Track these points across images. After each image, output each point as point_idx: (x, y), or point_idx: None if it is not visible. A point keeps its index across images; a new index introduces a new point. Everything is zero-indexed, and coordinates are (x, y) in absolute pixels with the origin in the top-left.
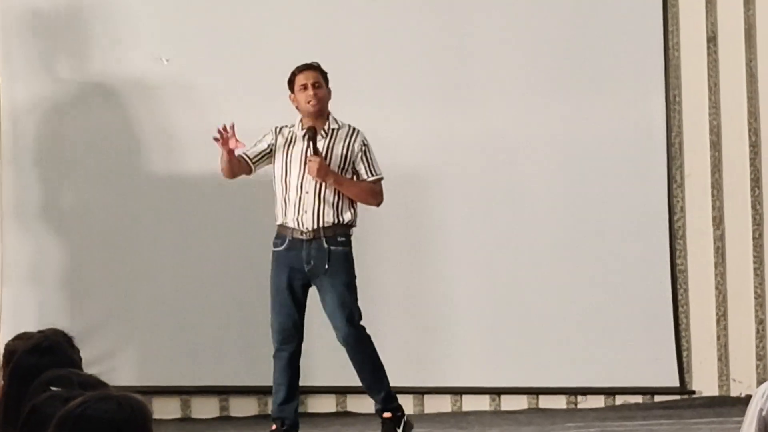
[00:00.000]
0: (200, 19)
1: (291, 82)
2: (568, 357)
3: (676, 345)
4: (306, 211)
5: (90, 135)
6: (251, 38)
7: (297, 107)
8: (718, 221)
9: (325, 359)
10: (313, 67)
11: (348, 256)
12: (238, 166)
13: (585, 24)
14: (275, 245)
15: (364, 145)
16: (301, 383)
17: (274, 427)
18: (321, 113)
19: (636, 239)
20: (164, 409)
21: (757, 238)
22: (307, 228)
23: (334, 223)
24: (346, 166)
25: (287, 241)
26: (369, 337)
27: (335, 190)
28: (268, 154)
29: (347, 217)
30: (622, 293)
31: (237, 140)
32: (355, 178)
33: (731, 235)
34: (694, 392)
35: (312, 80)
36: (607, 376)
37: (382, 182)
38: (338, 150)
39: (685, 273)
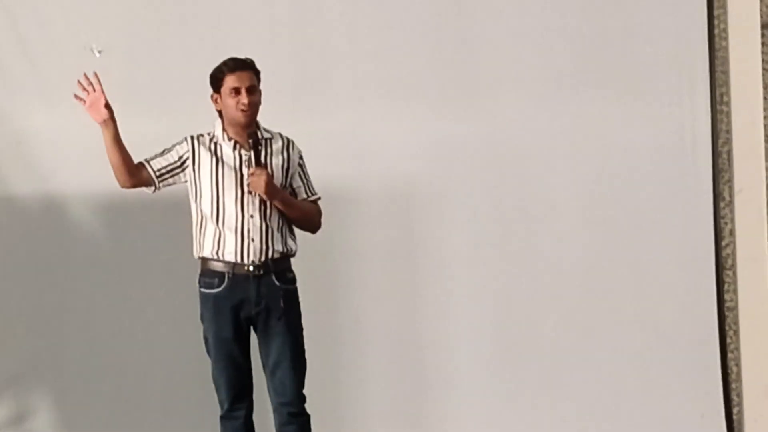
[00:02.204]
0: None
1: (218, 81)
2: (595, 412)
3: (724, 398)
4: (253, 240)
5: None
6: (215, 17)
7: (219, 111)
8: None
9: None
10: (248, 66)
11: (297, 296)
12: (135, 169)
13: (613, 7)
14: (207, 286)
15: (301, 158)
16: None
17: None
18: (252, 122)
19: (676, 270)
20: None
21: None
22: (253, 261)
23: (282, 253)
24: (285, 183)
25: (227, 279)
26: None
27: (278, 213)
28: (179, 169)
29: (293, 246)
30: (659, 335)
31: (108, 103)
32: None
33: None
34: None
35: (247, 83)
36: None
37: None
38: (277, 163)
39: (735, 311)
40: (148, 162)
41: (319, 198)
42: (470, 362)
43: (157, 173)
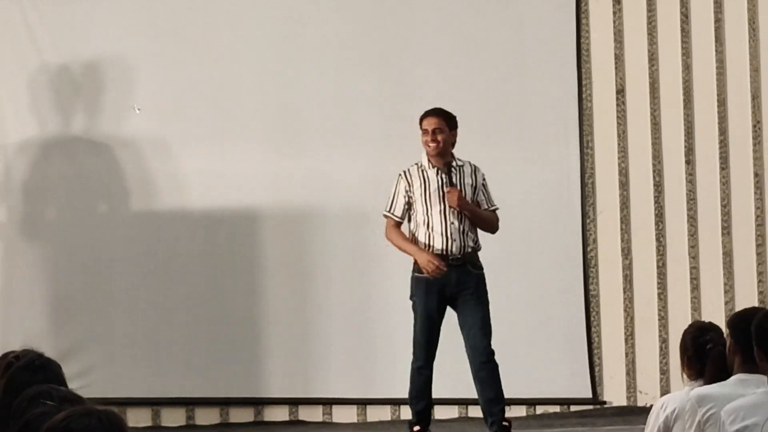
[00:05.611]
0: (170, 68)
1: (420, 123)
2: None
3: (589, 361)
4: (455, 240)
5: (72, 177)
6: (220, 84)
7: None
8: (627, 252)
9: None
10: (436, 113)
11: (485, 279)
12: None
13: (511, 79)
14: (421, 271)
15: (484, 179)
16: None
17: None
18: (442, 154)
19: (554, 268)
20: (136, 419)
21: (661, 267)
22: (455, 254)
23: (472, 248)
24: (473, 198)
25: None
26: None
27: (467, 219)
28: (406, 201)
29: (479, 243)
30: (542, 316)
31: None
32: None
33: (638, 265)
34: (605, 402)
35: (432, 126)
36: (528, 388)
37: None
38: (468, 183)
39: (597, 298)
40: (396, 216)
41: (497, 208)
42: (404, 329)
43: (401, 218)
